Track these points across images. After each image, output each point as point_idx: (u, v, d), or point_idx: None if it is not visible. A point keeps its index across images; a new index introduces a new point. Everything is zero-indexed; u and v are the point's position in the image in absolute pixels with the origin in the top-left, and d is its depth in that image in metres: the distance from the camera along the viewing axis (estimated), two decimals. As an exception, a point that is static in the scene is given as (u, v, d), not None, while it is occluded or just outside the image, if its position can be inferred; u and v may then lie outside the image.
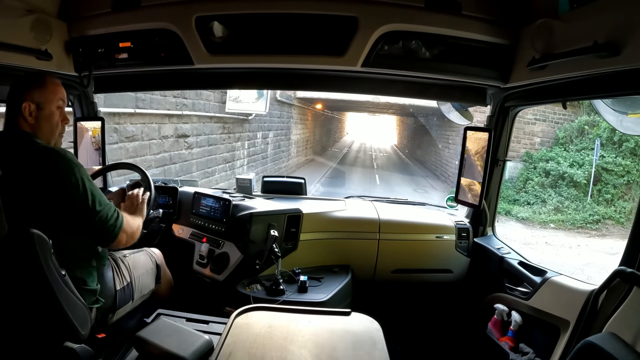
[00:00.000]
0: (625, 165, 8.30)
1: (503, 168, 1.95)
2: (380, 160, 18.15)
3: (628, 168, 8.29)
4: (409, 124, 21.24)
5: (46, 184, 1.15)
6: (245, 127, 7.53)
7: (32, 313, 1.16)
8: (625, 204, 8.24)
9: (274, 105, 9.00)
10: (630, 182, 8.32)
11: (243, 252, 1.88)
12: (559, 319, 1.40)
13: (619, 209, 8.21)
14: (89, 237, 1.27)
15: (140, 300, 1.58)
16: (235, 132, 7.03)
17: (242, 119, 7.24)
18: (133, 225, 1.37)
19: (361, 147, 24.41)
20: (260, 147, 8.54)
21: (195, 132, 5.51)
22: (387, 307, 2.13)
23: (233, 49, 1.53)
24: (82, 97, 2.01)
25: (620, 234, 7.85)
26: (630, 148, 8.25)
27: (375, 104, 13.59)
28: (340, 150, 20.61)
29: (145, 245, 1.76)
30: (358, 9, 1.43)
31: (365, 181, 11.98)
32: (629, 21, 1.03)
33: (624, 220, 8.10)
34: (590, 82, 1.28)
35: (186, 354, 1.15)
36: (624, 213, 8.13)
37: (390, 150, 24.06)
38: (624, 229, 7.94)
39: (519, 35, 1.46)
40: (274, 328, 1.13)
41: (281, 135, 10.24)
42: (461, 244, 2.08)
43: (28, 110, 1.22)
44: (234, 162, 7.05)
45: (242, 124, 7.35)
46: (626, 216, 8.12)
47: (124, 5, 1.53)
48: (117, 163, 2.00)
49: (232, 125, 6.83)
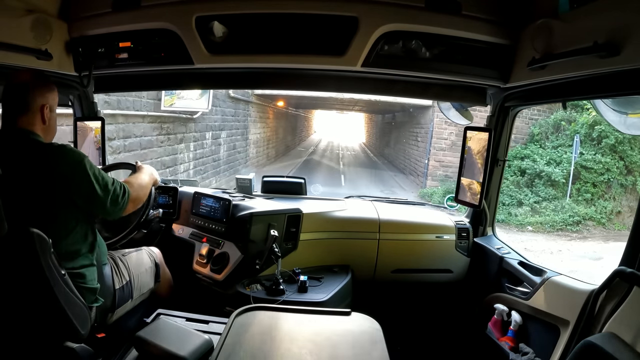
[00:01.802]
0: (605, 162, 7.92)
1: (503, 168, 1.95)
2: (348, 159, 17.40)
3: (608, 165, 7.93)
4: (377, 122, 20.59)
5: (54, 179, 1.18)
6: (190, 127, 6.55)
7: (32, 313, 1.16)
8: (606, 203, 7.93)
9: (226, 102, 8.24)
10: (610, 181, 8.00)
11: (243, 252, 1.87)
12: (559, 319, 1.40)
13: (600, 208, 7.86)
14: (99, 213, 1.34)
15: (139, 299, 1.58)
16: (176, 132, 6.06)
17: (185, 118, 6.29)
18: (137, 186, 1.44)
19: (328, 146, 23.61)
20: (210, 149, 7.56)
21: (122, 134, 4.59)
22: (387, 307, 2.13)
23: (233, 48, 1.53)
24: (82, 97, 2.01)
25: (602, 235, 7.53)
26: (610, 144, 7.87)
27: (340, 100, 13.05)
28: (306, 149, 19.74)
29: (144, 245, 1.77)
30: (358, 9, 1.43)
31: (329, 182, 11.06)
32: (629, 21, 1.03)
33: (605, 220, 7.82)
34: (590, 82, 1.28)
35: (186, 354, 1.16)
36: (605, 213, 7.84)
37: (358, 148, 23.32)
38: (606, 230, 7.70)
39: (519, 35, 1.46)
40: (274, 328, 1.13)
41: (237, 135, 9.28)
42: (461, 244, 2.08)
43: (46, 113, 1.28)
44: (176, 166, 6.12)
45: (186, 124, 6.39)
46: (607, 216, 7.85)
47: (124, 5, 1.53)
48: (117, 163, 2.00)
49: (172, 125, 5.89)
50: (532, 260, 1.77)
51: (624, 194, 8.09)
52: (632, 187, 8.02)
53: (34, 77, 1.28)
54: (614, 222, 7.89)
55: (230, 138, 8.80)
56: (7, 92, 1.25)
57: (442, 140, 9.42)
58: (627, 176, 8.04)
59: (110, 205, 1.29)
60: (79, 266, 1.27)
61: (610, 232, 7.66)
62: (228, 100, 8.32)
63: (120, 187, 1.33)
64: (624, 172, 8.04)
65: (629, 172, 8.09)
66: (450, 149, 9.28)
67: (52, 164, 1.20)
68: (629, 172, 8.09)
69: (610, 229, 7.76)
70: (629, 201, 8.06)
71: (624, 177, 8.01)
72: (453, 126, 9.01)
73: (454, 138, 9.20)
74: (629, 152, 7.94)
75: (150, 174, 1.59)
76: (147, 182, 1.53)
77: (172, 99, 5.61)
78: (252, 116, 10.70)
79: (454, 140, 9.19)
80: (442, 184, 9.18)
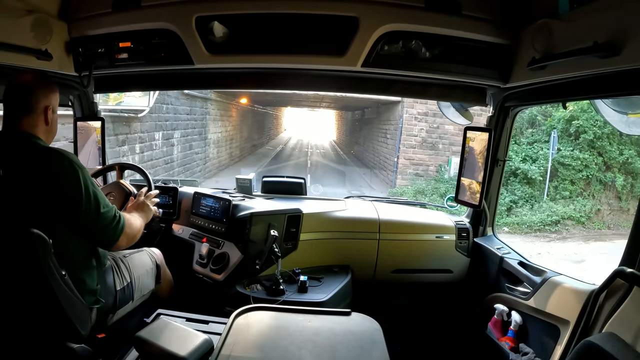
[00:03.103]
0: (584, 159, 7.56)
1: (503, 168, 1.95)
2: (316, 158, 16.61)
3: (586, 162, 7.57)
4: (347, 118, 19.85)
5: (49, 185, 1.15)
6: (135, 127, 5.90)
7: (32, 313, 1.16)
8: (585, 201, 7.61)
9: (180, 100, 7.53)
10: (589, 177, 7.65)
11: (243, 252, 1.87)
12: (559, 319, 1.40)
13: (579, 207, 7.51)
14: (90, 239, 1.28)
15: (140, 300, 1.57)
16: (117, 134, 5.43)
17: (127, 118, 5.65)
18: (135, 227, 1.37)
19: (297, 144, 22.93)
20: (161, 151, 6.89)
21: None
22: (387, 307, 2.13)
23: (233, 49, 1.53)
24: (82, 97, 2.01)
25: (582, 235, 7.23)
26: (588, 140, 7.52)
27: (309, 97, 12.40)
28: (274, 148, 18.97)
29: (145, 245, 1.76)
30: (358, 9, 1.43)
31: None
32: (629, 21, 1.04)
33: (585, 219, 7.44)
34: (590, 82, 1.28)
35: (186, 354, 1.15)
36: (584, 212, 7.48)
37: (328, 146, 22.65)
38: (585, 229, 7.39)
39: (519, 35, 1.46)
40: (274, 328, 1.14)
41: (193, 134, 8.48)
42: (461, 244, 2.08)
43: (49, 114, 1.25)
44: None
45: (130, 124, 5.74)
46: (586, 215, 7.48)
47: (124, 5, 1.53)
48: (117, 164, 2.00)
49: (113, 125, 5.31)
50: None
51: (603, 191, 7.81)
52: (612, 184, 7.72)
53: (37, 78, 1.27)
54: (594, 220, 7.61)
55: (186, 138, 8.03)
56: (9, 93, 1.23)
57: (412, 137, 8.95)
58: (606, 172, 7.75)
59: (102, 230, 1.23)
60: (79, 268, 1.27)
61: (590, 231, 7.40)
62: (182, 97, 7.64)
63: (117, 215, 1.27)
64: (603, 168, 7.74)
65: (608, 168, 7.78)
66: (420, 146, 8.94)
67: (50, 171, 1.16)
68: (608, 169, 7.78)
69: (590, 227, 7.48)
70: (608, 198, 7.79)
71: (602, 173, 7.73)
72: (424, 122, 8.80)
73: (425, 135, 8.87)
74: (607, 147, 7.61)
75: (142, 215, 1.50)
76: (141, 224, 1.45)
77: (121, 96, 5.18)
78: (212, 114, 9.85)
79: (425, 137, 8.87)
80: (412, 182, 8.79)
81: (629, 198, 7.79)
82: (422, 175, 8.93)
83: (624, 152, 7.65)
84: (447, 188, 8.14)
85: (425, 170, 8.98)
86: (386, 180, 10.02)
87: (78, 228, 1.22)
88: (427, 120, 8.85)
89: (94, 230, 1.23)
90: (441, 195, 7.94)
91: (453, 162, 8.55)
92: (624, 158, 7.63)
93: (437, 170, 8.90)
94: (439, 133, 8.90)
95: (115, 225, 1.26)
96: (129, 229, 1.32)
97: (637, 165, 7.66)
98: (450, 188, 8.09)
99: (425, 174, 8.97)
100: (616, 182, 7.63)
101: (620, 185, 7.63)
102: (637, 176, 7.74)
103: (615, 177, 7.66)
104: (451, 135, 8.79)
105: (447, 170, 8.73)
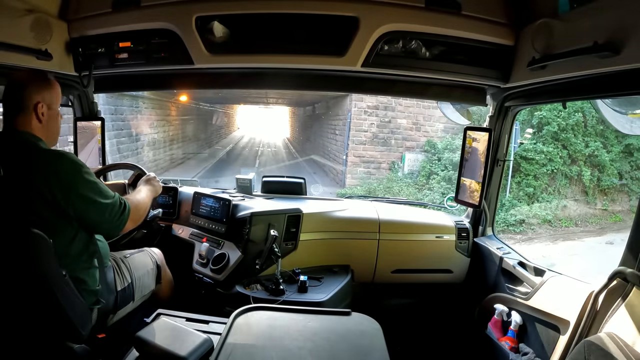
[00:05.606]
0: (548, 152, 7.05)
1: (503, 168, 1.96)
2: (266, 157, 15.87)
3: (551, 155, 7.06)
4: (299, 115, 19.02)
5: (53, 186, 1.15)
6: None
7: (32, 313, 1.16)
8: (550, 197, 7.12)
9: (102, 98, 6.77)
10: (554, 172, 7.15)
11: (243, 252, 1.87)
12: (558, 319, 1.40)
13: (544, 204, 7.03)
14: (98, 232, 1.30)
15: (140, 300, 1.58)
16: None
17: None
18: (141, 208, 1.41)
19: (249, 143, 22.19)
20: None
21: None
22: (387, 307, 2.13)
23: (233, 49, 1.53)
24: (82, 97, 2.01)
25: (548, 235, 6.75)
26: (552, 132, 7.05)
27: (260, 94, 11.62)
28: (224, 147, 18.10)
29: (145, 245, 1.76)
30: (358, 9, 1.43)
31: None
32: (629, 21, 1.03)
33: (551, 217, 6.96)
34: (590, 82, 1.28)
35: (186, 354, 1.15)
36: (550, 209, 7.01)
37: (280, 144, 22.08)
38: (552, 228, 6.92)
39: (519, 35, 1.46)
40: (274, 328, 1.14)
41: (121, 136, 7.62)
42: (461, 244, 2.08)
43: (41, 111, 1.23)
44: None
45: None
46: (552, 212, 7.00)
47: (123, 5, 1.53)
48: (117, 163, 2.01)
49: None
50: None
51: (569, 186, 7.39)
52: (578, 177, 7.30)
53: (29, 75, 1.26)
54: (560, 217, 7.15)
55: (111, 141, 7.12)
56: (5, 92, 1.23)
57: (361, 132, 8.27)
58: (572, 166, 7.31)
59: (107, 222, 1.24)
60: (81, 268, 1.27)
61: (558, 229, 6.98)
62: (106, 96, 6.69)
63: (120, 203, 1.28)
64: (568, 162, 7.29)
65: (573, 161, 7.34)
66: (371, 142, 8.24)
67: (49, 172, 1.16)
68: (573, 162, 7.34)
69: (557, 226, 7.04)
70: (574, 193, 7.42)
71: (568, 167, 7.28)
72: (374, 116, 8.18)
73: (376, 130, 8.23)
74: (572, 140, 7.17)
75: (151, 189, 1.54)
76: (148, 199, 1.48)
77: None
78: (145, 114, 8.89)
79: (376, 132, 8.23)
80: (363, 182, 8.17)
81: (595, 192, 7.41)
82: (374, 174, 8.32)
83: (589, 144, 7.24)
84: (400, 187, 7.69)
85: (377, 167, 8.37)
86: (336, 179, 9.29)
87: (84, 225, 1.24)
88: (378, 114, 8.24)
89: (102, 223, 1.25)
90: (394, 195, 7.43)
91: (407, 159, 8.13)
92: (589, 150, 7.22)
93: (390, 167, 8.32)
94: (391, 128, 8.28)
95: (120, 215, 1.27)
96: (135, 213, 1.35)
97: (604, 158, 7.24)
98: (404, 186, 7.67)
99: (377, 171, 8.37)
100: (583, 176, 7.24)
101: (587, 179, 7.25)
102: (603, 169, 7.32)
103: (582, 171, 7.26)
104: (404, 129, 8.26)
105: (401, 167, 8.26)
